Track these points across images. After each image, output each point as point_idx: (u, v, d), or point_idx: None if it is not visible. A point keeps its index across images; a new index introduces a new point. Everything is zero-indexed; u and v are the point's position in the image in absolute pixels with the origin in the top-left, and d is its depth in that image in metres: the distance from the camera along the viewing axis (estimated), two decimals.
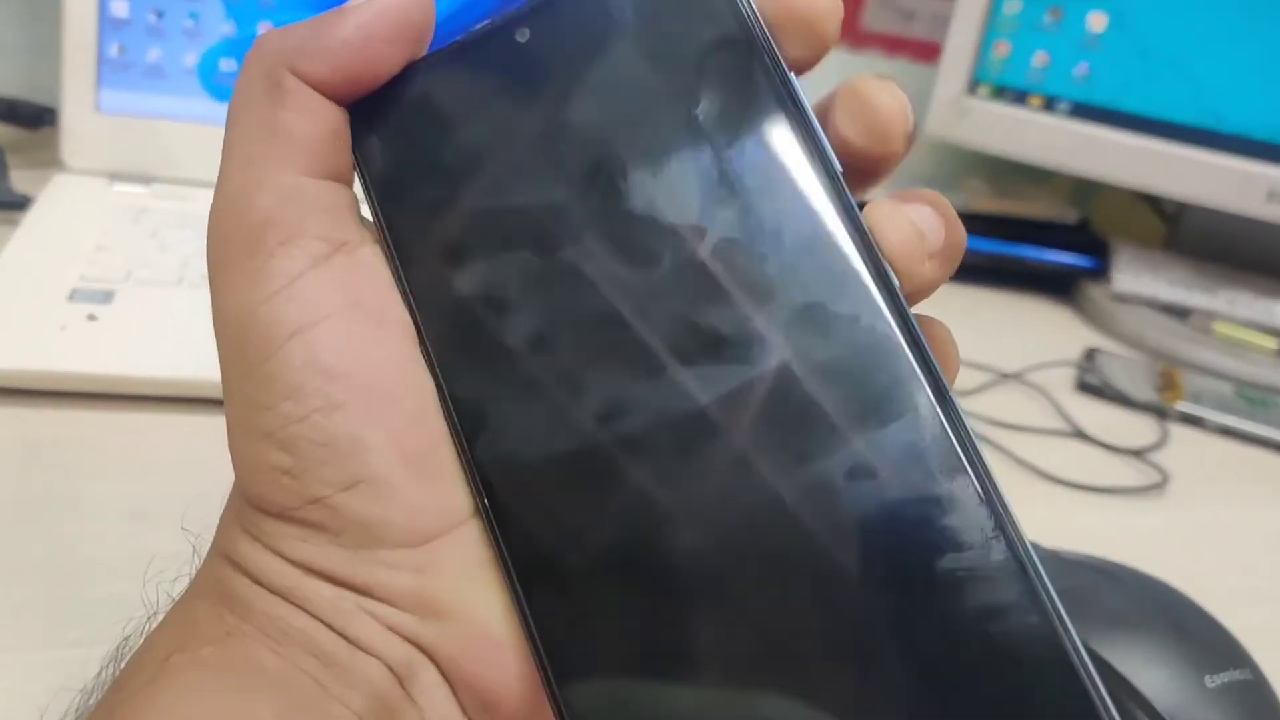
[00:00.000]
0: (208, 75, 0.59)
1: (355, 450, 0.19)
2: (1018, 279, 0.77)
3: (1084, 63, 0.72)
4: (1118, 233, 0.81)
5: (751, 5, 0.20)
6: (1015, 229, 0.78)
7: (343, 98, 0.21)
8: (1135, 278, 0.73)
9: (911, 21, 0.91)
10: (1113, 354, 0.66)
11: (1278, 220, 0.68)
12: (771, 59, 0.20)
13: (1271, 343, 0.68)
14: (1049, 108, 0.74)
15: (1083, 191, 0.88)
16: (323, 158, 0.21)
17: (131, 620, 0.23)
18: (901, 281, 0.19)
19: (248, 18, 0.59)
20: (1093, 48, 0.72)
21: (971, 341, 0.41)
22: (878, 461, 0.18)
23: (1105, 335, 0.71)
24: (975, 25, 0.74)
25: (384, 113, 0.21)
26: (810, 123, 0.19)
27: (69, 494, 0.38)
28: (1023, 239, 0.77)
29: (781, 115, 0.19)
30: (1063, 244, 0.78)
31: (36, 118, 0.64)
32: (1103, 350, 0.66)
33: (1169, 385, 0.61)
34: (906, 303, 0.19)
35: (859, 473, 0.18)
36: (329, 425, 0.19)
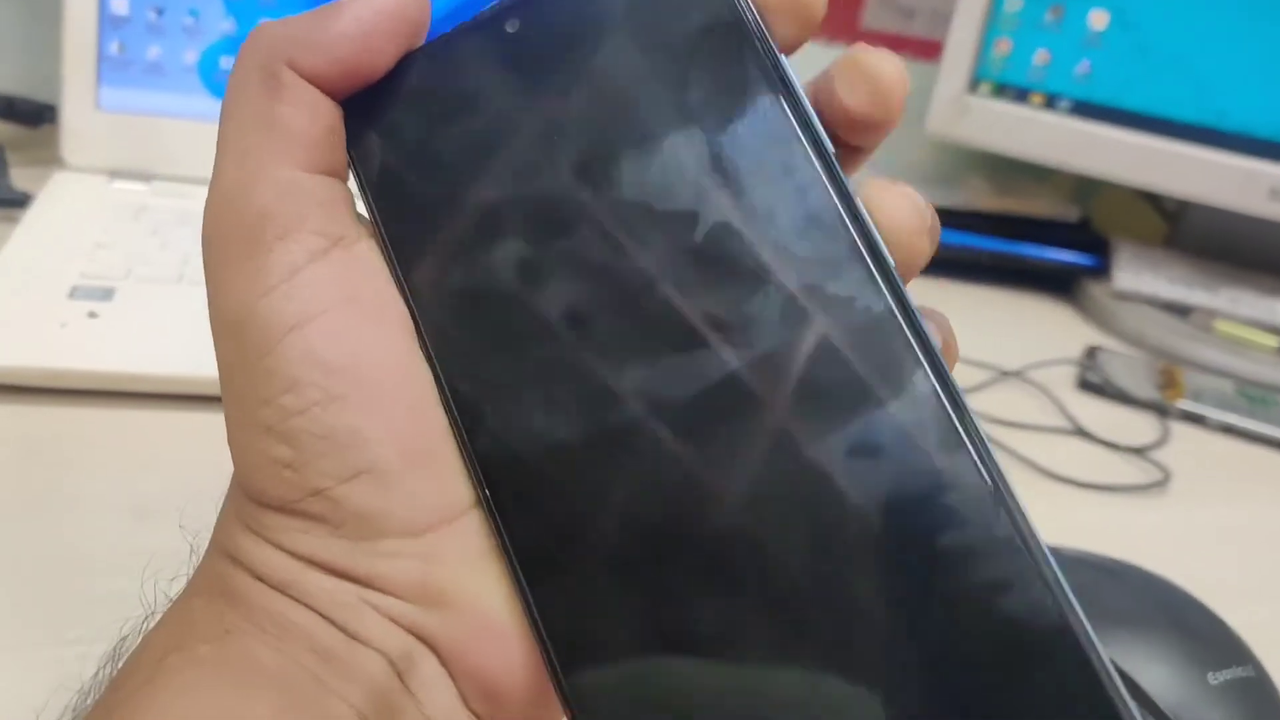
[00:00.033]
0: (208, 73, 0.59)
1: (355, 442, 0.19)
2: (1019, 277, 0.76)
3: (1085, 60, 0.72)
4: (1119, 231, 0.81)
5: None
6: (1016, 227, 0.78)
7: (339, 92, 0.21)
8: (1136, 276, 0.73)
9: (912, 19, 0.90)
10: (1114, 352, 0.66)
11: (1279, 218, 0.68)
12: (762, 40, 0.20)
13: (1272, 341, 0.68)
14: (1050, 106, 0.74)
15: (1084, 189, 0.88)
16: (319, 153, 0.21)
17: (129, 620, 0.23)
18: (903, 257, 0.19)
19: (248, 15, 0.58)
20: (1094, 45, 0.72)
21: (972, 339, 0.41)
22: (880, 441, 0.18)
23: (1106, 333, 0.71)
24: (976, 23, 0.74)
25: (376, 108, 0.21)
26: (802, 103, 0.19)
27: (69, 491, 0.38)
28: (1024, 237, 0.77)
29: (774, 97, 0.19)
30: (1064, 242, 0.78)
31: (37, 115, 0.64)
32: (1104, 348, 0.66)
33: (1170, 383, 0.61)
34: (903, 282, 0.19)
35: (861, 453, 0.18)
36: (329, 418, 0.19)
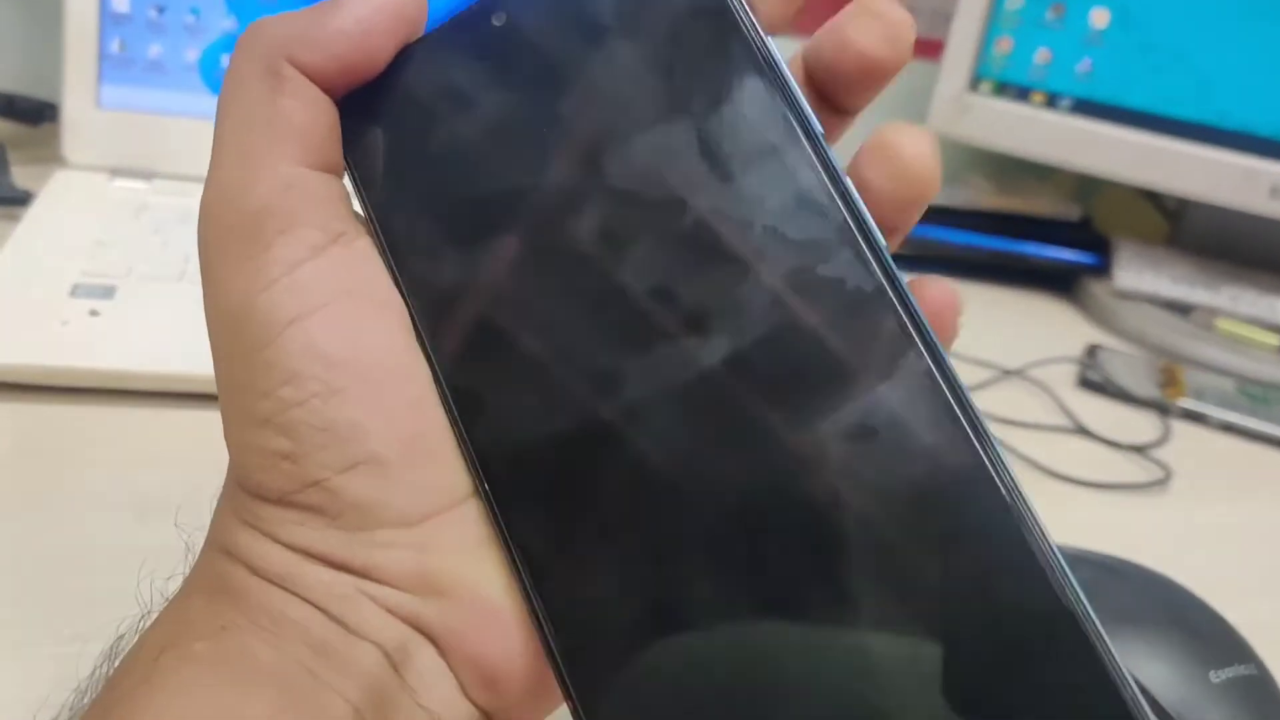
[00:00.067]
0: (209, 71, 0.59)
1: (354, 434, 0.19)
2: (1020, 275, 0.76)
3: (1086, 59, 0.72)
4: (1120, 229, 0.81)
5: None
6: (1017, 225, 0.78)
7: (336, 90, 0.21)
8: (1137, 274, 0.73)
9: (912, 18, 0.90)
10: (1115, 350, 0.66)
11: (1279, 216, 0.68)
12: (748, 22, 0.20)
13: (1273, 339, 0.68)
14: (1051, 104, 0.74)
15: (1085, 188, 0.88)
16: (319, 149, 0.21)
17: (126, 618, 0.22)
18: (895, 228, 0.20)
19: (249, 13, 0.58)
20: (1095, 44, 0.72)
21: (973, 338, 0.41)
22: (874, 421, 0.18)
23: (1107, 332, 0.71)
24: (977, 21, 0.74)
25: (368, 106, 0.21)
26: (789, 84, 0.20)
27: (69, 489, 0.38)
28: (1025, 235, 0.77)
29: (761, 79, 0.20)
30: (1065, 240, 0.78)
31: (37, 113, 0.64)
32: (1105, 347, 0.66)
33: (1171, 382, 0.61)
34: (893, 262, 0.19)
35: (855, 434, 0.18)
36: (328, 410, 0.19)
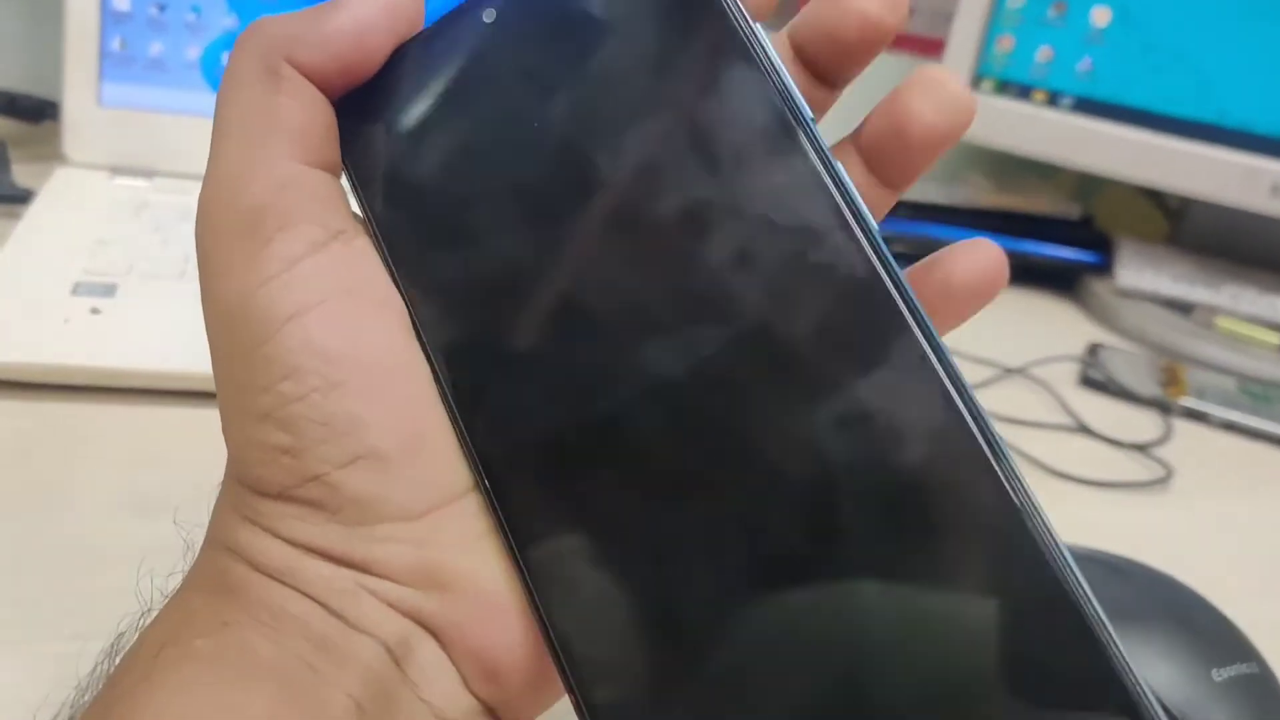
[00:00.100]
0: (210, 69, 0.59)
1: (354, 428, 0.19)
2: (1021, 274, 0.76)
3: (1088, 58, 0.72)
4: (1121, 228, 0.81)
5: None
6: (1019, 224, 0.78)
7: (335, 89, 0.21)
8: (1138, 273, 0.73)
9: (913, 17, 0.90)
10: (1116, 349, 0.66)
11: None
12: (735, 11, 0.20)
13: (1275, 338, 0.68)
14: (1052, 103, 0.74)
15: (1086, 187, 0.88)
16: (318, 147, 0.21)
17: (127, 616, 0.22)
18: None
19: (250, 12, 0.58)
20: (1096, 42, 0.72)
21: (975, 336, 0.41)
22: (872, 407, 0.18)
23: (1108, 330, 0.71)
24: (979, 20, 0.74)
25: (363, 105, 0.21)
26: (779, 70, 0.20)
27: (70, 487, 0.38)
28: (1026, 234, 0.77)
29: (750, 67, 0.20)
30: (1066, 239, 0.78)
31: (38, 111, 0.64)
32: (1106, 345, 0.66)
33: (1172, 380, 0.61)
34: (886, 245, 0.19)
35: (850, 421, 0.18)
36: (328, 404, 0.19)
